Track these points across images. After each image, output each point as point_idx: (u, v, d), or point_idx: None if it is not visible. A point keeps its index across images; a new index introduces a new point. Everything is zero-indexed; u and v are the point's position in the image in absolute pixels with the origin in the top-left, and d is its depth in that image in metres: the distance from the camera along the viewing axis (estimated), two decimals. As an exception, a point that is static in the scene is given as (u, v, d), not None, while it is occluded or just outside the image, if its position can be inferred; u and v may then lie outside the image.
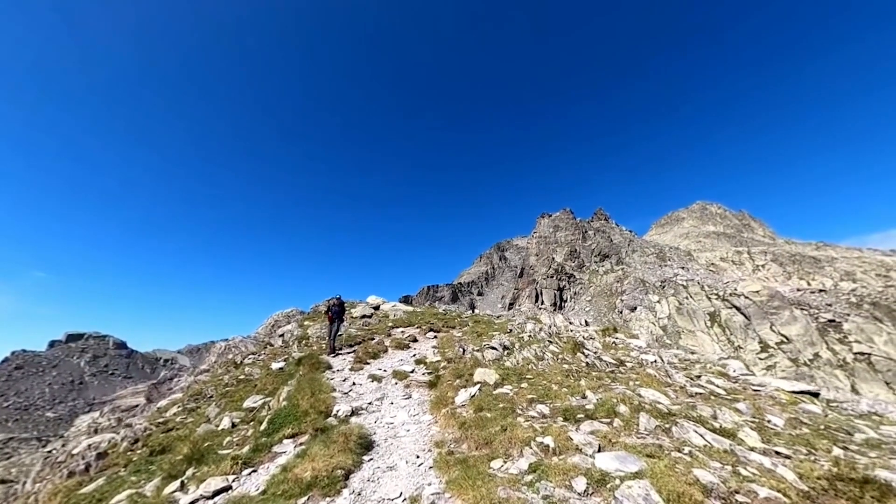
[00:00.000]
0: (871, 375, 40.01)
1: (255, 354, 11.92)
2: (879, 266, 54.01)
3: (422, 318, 18.60)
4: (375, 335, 15.11)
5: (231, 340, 18.03)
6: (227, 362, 11.59)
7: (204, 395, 9.31)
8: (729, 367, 6.09)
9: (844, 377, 39.78)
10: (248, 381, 9.61)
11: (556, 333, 8.93)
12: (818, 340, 44.93)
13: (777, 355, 43.91)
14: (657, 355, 6.38)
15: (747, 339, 47.14)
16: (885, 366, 40.76)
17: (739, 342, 47.25)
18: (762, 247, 70.48)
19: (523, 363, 6.95)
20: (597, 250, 74.67)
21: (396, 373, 8.02)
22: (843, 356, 42.33)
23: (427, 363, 8.86)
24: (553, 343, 7.81)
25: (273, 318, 28.92)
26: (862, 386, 38.41)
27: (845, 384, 38.28)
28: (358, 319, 19.44)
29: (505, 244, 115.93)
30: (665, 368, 5.56)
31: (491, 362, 7.31)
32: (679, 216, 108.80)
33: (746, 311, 49.58)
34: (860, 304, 47.92)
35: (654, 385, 4.68)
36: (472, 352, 8.01)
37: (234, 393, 8.96)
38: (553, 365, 6.54)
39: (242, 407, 7.70)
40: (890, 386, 38.59)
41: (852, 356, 42.16)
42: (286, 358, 11.27)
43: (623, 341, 8.30)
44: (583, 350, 7.01)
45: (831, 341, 44.61)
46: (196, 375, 11.55)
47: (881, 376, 40.11)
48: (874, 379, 39.34)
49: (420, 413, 5.61)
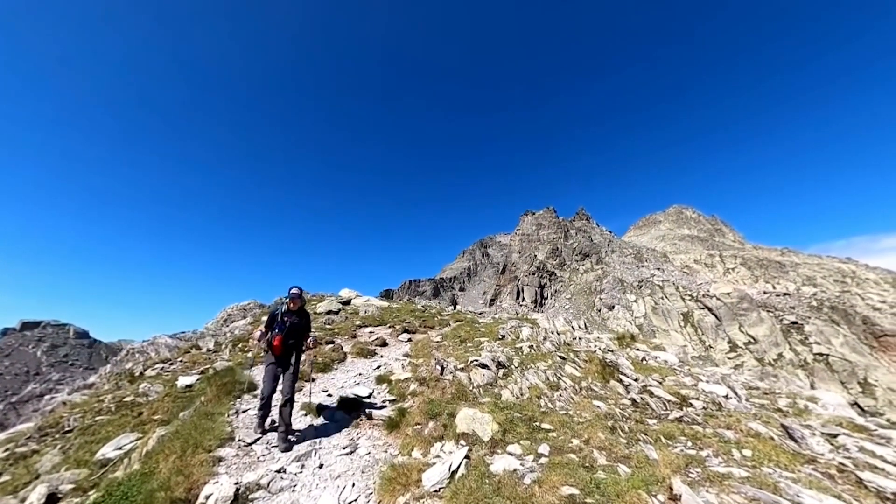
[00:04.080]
0: (829, 375, 42.11)
1: (167, 363, 8.92)
2: (837, 273, 57.32)
3: (396, 316, 16.00)
4: (336, 337, 12.39)
5: (151, 340, 14.66)
6: (123, 374, 8.53)
7: (60, 429, 6.34)
8: (823, 403, 4.16)
9: (805, 377, 41.59)
10: (135, 407, 6.73)
11: (564, 343, 6.73)
12: (782, 341, 46.93)
13: (745, 355, 45.37)
14: (728, 386, 4.32)
15: (717, 339, 48.59)
16: (840, 366, 42.98)
17: (710, 342, 48.62)
18: (733, 251, 73.36)
19: (530, 394, 4.64)
20: (578, 249, 74.87)
21: (345, 401, 5.52)
22: (805, 357, 44.35)
23: (392, 383, 6.41)
24: (568, 360, 5.59)
25: (226, 311, 25.29)
26: (820, 385, 40.28)
27: (805, 383, 39.92)
28: (321, 316, 16.54)
29: (488, 241, 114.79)
30: (767, 417, 3.46)
31: (481, 391, 4.97)
32: (656, 219, 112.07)
33: (717, 311, 51.08)
34: (820, 307, 50.46)
35: (784, 459, 2.57)
36: (453, 370, 5.64)
37: (103, 427, 6.08)
38: (579, 401, 4.30)
39: (93, 459, 4.90)
40: (845, 385, 40.70)
41: (812, 357, 44.27)
42: (204, 370, 8.39)
43: (649, 354, 6.28)
44: (618, 375, 4.79)
45: (794, 342, 46.67)
46: (78, 391, 8.42)
47: (837, 376, 42.29)
48: (831, 379, 41.42)
49: (361, 497, 3.18)
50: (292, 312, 4.91)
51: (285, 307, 4.89)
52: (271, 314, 4.94)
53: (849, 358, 44.51)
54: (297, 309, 4.97)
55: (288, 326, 4.80)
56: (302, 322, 5.03)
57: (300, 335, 5.01)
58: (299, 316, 5.00)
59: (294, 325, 4.86)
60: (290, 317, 4.87)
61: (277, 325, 4.81)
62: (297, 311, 4.99)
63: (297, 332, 4.91)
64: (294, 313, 4.93)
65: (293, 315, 4.91)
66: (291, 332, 4.83)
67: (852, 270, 60.26)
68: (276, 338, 4.72)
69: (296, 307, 4.95)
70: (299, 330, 4.96)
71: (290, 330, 4.81)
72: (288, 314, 4.87)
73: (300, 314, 5.04)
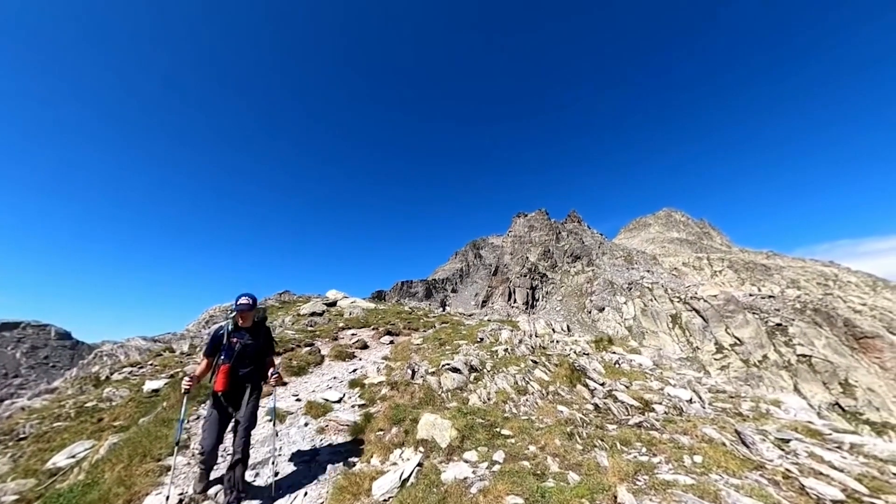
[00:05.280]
0: (812, 376, 43.11)
1: (136, 366, 8.65)
2: (820, 276, 58.85)
3: (381, 318, 15.87)
4: (317, 340, 12.23)
5: (122, 343, 14.25)
6: (88, 378, 8.25)
7: (14, 436, 6.08)
8: (785, 407, 4.17)
9: (788, 377, 42.52)
10: (96, 412, 6.49)
11: (539, 347, 6.70)
12: (767, 343, 47.91)
13: (731, 356, 46.18)
14: (692, 391, 4.33)
15: (705, 340, 49.40)
16: (823, 367, 44.04)
17: (698, 343, 49.40)
18: (720, 254, 74.85)
19: (497, 398, 4.58)
20: (569, 251, 75.50)
21: (312, 406, 5.39)
22: (788, 358, 45.33)
23: (364, 387, 6.29)
24: (539, 364, 5.55)
25: (208, 312, 24.87)
26: (803, 385, 41.29)
27: (789, 384, 40.86)
28: (304, 318, 16.31)
29: (480, 242, 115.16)
30: (724, 422, 3.45)
31: (450, 395, 4.89)
32: (646, 222, 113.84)
33: (705, 313, 51.96)
34: (803, 309, 51.67)
35: (732, 466, 2.54)
36: (425, 374, 5.56)
37: (59, 433, 5.84)
38: (543, 406, 4.26)
39: (43, 469, 4.69)
40: (827, 386, 41.69)
41: (796, 358, 45.27)
42: (174, 374, 8.15)
43: (624, 358, 6.28)
44: (584, 379, 4.76)
45: (778, 344, 47.67)
46: (39, 395, 8.11)
47: (819, 377, 43.31)
48: (814, 379, 42.40)
49: (313, 505, 3.07)
50: (244, 331, 3.48)
51: (232, 324, 3.48)
52: (213, 336, 3.48)
53: (831, 359, 45.58)
54: (250, 326, 3.53)
55: (237, 351, 3.36)
56: (259, 343, 3.53)
57: (257, 361, 3.52)
58: (255, 335, 3.52)
59: (246, 349, 3.41)
60: (241, 337, 3.43)
61: (223, 350, 3.38)
62: (252, 329, 3.53)
63: (251, 357, 3.45)
64: (247, 332, 3.49)
65: (244, 334, 3.46)
66: (243, 358, 3.39)
67: (834, 273, 61.96)
68: (220, 369, 3.33)
69: (247, 323, 3.50)
70: (255, 355, 3.48)
71: (240, 356, 3.37)
72: (237, 334, 3.44)
73: (256, 332, 3.55)
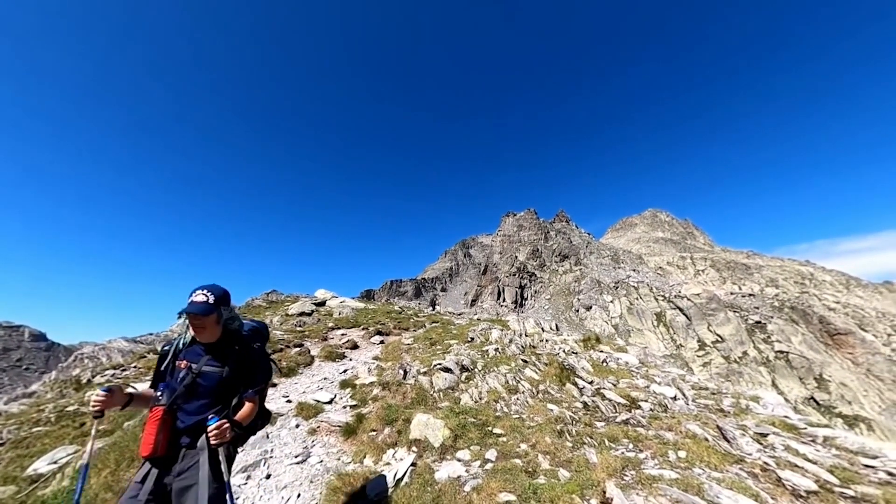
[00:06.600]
0: (789, 372, 44.91)
1: (118, 368, 8.40)
2: (797, 275, 61.36)
3: (371, 318, 15.78)
4: (306, 340, 12.09)
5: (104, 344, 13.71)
6: (68, 381, 7.97)
7: (-10, 443, 5.83)
8: (764, 403, 4.38)
9: (767, 373, 44.22)
10: (77, 417, 6.30)
11: (530, 346, 6.82)
12: (747, 340, 49.63)
13: (712, 353, 47.72)
14: (676, 388, 4.49)
15: (688, 337, 50.89)
16: (799, 363, 45.89)
17: (681, 341, 50.85)
18: (702, 253, 77.17)
19: (489, 398, 4.66)
20: (557, 251, 76.50)
21: (303, 407, 5.36)
22: (767, 354, 47.09)
23: (356, 387, 6.29)
24: (529, 363, 5.66)
25: (194, 312, 24.19)
26: (780, 381, 43.04)
27: (767, 379, 42.53)
28: (293, 318, 16.09)
29: (470, 241, 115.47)
30: (706, 418, 3.60)
31: (441, 395, 4.95)
32: (632, 222, 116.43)
33: (688, 311, 53.50)
34: (781, 307, 53.72)
35: (715, 460, 2.67)
36: (416, 374, 5.59)
37: (39, 439, 5.65)
38: (534, 405, 4.35)
39: (23, 475, 4.53)
40: (803, 381, 43.51)
41: (774, 354, 47.07)
42: (160, 375, 7.96)
43: (611, 356, 6.45)
44: (573, 378, 4.90)
45: (757, 341, 49.44)
46: (16, 400, 7.78)
47: (796, 372, 45.14)
48: (791, 375, 44.19)
49: (306, 508, 3.07)
50: (200, 349, 2.00)
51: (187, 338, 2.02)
52: (161, 355, 2.06)
53: (806, 355, 47.48)
54: (213, 341, 2.01)
55: (182, 383, 1.91)
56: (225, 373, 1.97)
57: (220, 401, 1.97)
58: (220, 356, 2.01)
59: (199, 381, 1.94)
60: (194, 358, 1.97)
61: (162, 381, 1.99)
62: (217, 347, 2.02)
63: (208, 394, 1.94)
64: (207, 351, 2.00)
65: (201, 355, 1.98)
66: (191, 395, 1.92)
67: (811, 273, 64.63)
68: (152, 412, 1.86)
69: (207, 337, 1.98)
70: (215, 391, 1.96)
71: (187, 392, 1.91)
72: (190, 353, 1.99)
73: (223, 353, 2.02)
